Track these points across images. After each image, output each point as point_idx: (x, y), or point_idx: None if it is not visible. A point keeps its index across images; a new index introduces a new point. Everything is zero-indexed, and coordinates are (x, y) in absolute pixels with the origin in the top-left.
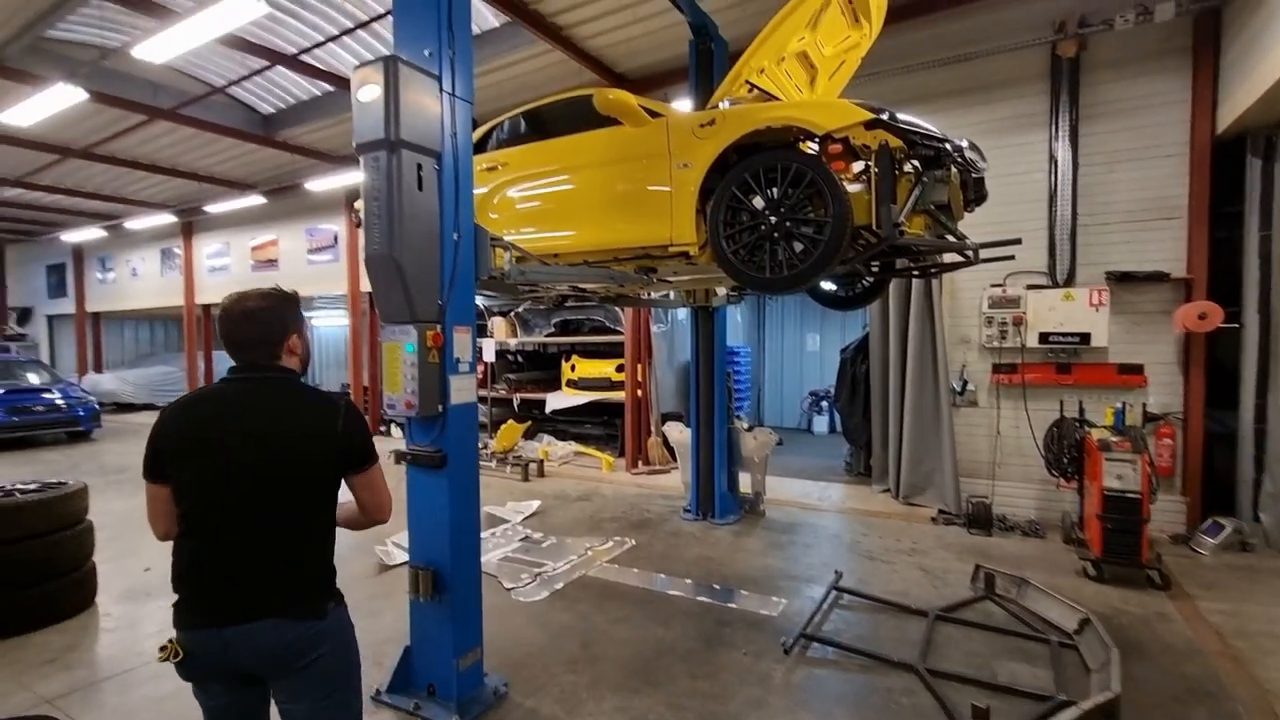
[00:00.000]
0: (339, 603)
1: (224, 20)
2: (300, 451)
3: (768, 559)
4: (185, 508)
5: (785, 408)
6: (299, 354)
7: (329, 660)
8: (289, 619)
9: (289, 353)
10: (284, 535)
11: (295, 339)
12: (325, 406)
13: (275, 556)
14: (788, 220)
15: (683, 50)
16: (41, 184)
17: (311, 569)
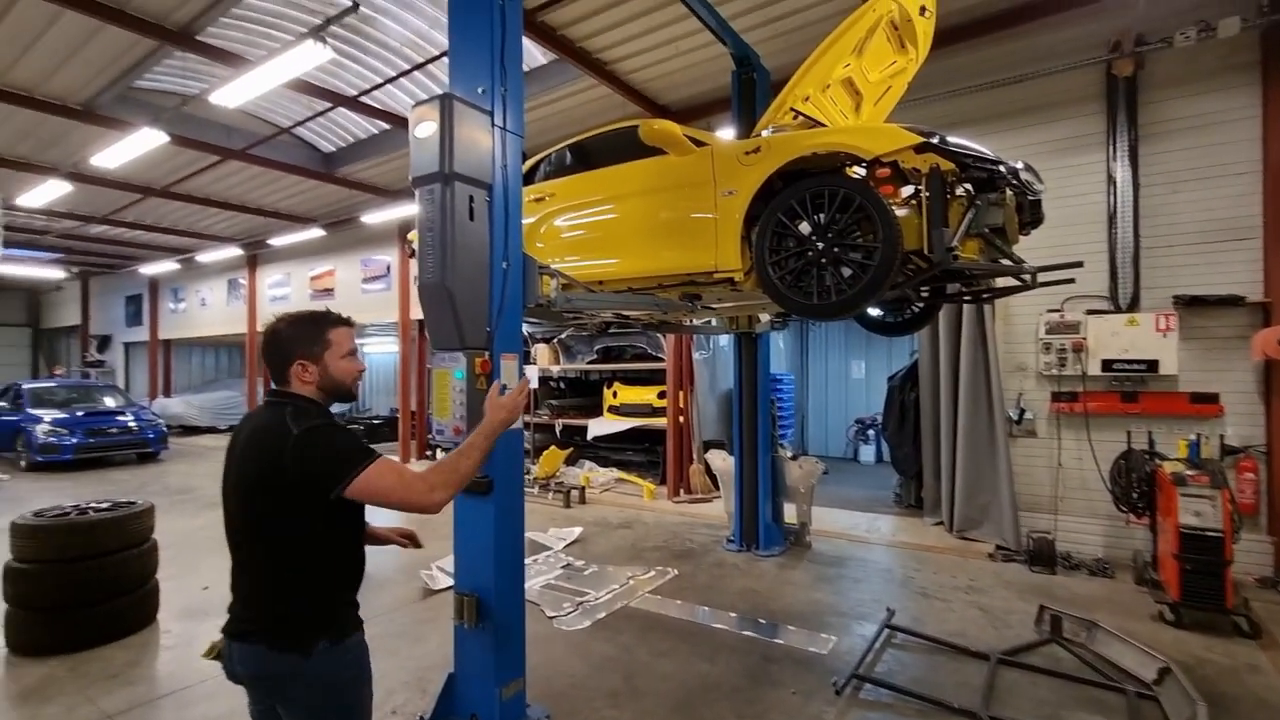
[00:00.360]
0: (335, 640)
1: (293, 66)
2: (260, 487)
3: (815, 593)
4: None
5: (830, 436)
6: (312, 382)
7: (313, 698)
8: (272, 649)
9: (300, 380)
10: (269, 564)
11: (300, 366)
12: (280, 434)
13: (261, 583)
14: (835, 245)
15: (725, 81)
16: (124, 221)
17: (296, 604)
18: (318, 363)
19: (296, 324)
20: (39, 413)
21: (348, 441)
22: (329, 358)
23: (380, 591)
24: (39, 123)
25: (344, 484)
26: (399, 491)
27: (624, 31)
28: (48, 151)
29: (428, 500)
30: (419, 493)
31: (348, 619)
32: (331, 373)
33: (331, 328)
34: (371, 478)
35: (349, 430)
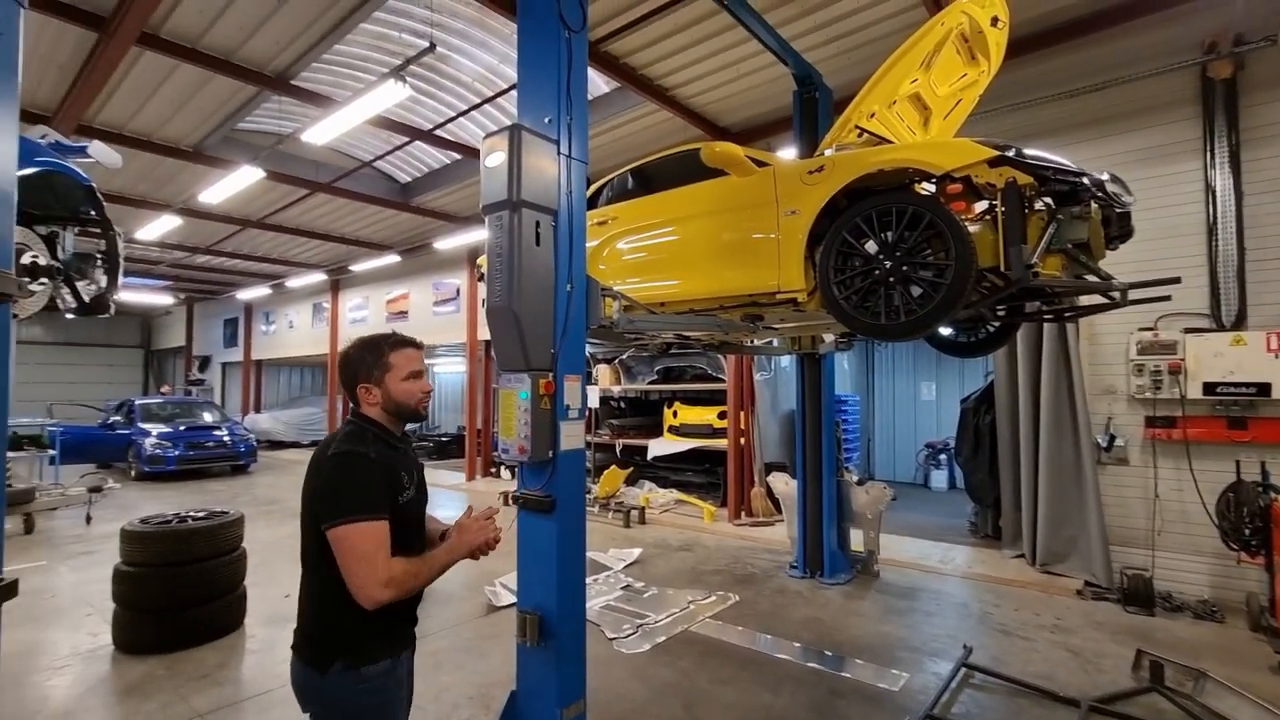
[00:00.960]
0: (351, 665)
1: (375, 104)
2: (306, 502)
3: (884, 625)
4: None
5: (898, 461)
6: (377, 404)
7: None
8: (300, 660)
9: (364, 402)
10: (307, 578)
11: (364, 390)
12: (324, 450)
13: (304, 596)
14: (904, 264)
15: (786, 101)
16: (225, 250)
17: (319, 621)
18: (380, 385)
19: (362, 348)
20: (148, 427)
21: (359, 485)
22: (390, 380)
23: (445, 606)
24: (156, 164)
25: (328, 525)
26: (358, 565)
27: (685, 57)
28: (162, 189)
29: (374, 592)
30: (372, 580)
31: (371, 646)
32: (394, 395)
33: (392, 350)
34: (350, 535)
35: (369, 467)
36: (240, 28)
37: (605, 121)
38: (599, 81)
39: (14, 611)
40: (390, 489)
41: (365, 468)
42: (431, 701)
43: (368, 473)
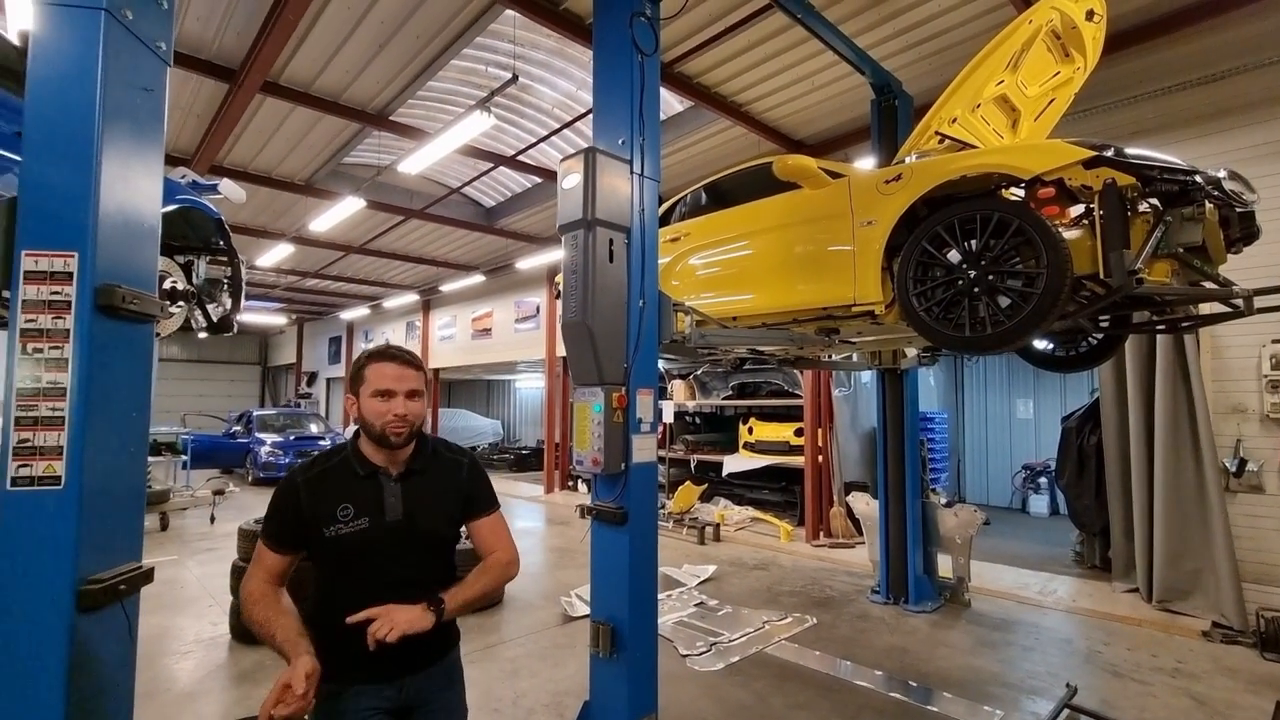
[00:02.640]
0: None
1: (463, 134)
2: None
3: (976, 659)
4: None
5: (992, 483)
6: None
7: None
8: None
9: (351, 417)
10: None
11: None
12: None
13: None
14: (990, 273)
15: (863, 111)
16: (330, 274)
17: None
18: (358, 398)
19: (359, 357)
20: (263, 436)
21: (272, 506)
22: (362, 393)
23: (523, 614)
24: (274, 198)
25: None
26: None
27: (758, 73)
28: (279, 220)
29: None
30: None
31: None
32: (362, 411)
33: (370, 362)
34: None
35: (288, 495)
36: (346, 71)
37: (679, 140)
38: (672, 101)
39: (150, 600)
40: (309, 520)
41: (284, 493)
42: (509, 706)
43: (281, 497)
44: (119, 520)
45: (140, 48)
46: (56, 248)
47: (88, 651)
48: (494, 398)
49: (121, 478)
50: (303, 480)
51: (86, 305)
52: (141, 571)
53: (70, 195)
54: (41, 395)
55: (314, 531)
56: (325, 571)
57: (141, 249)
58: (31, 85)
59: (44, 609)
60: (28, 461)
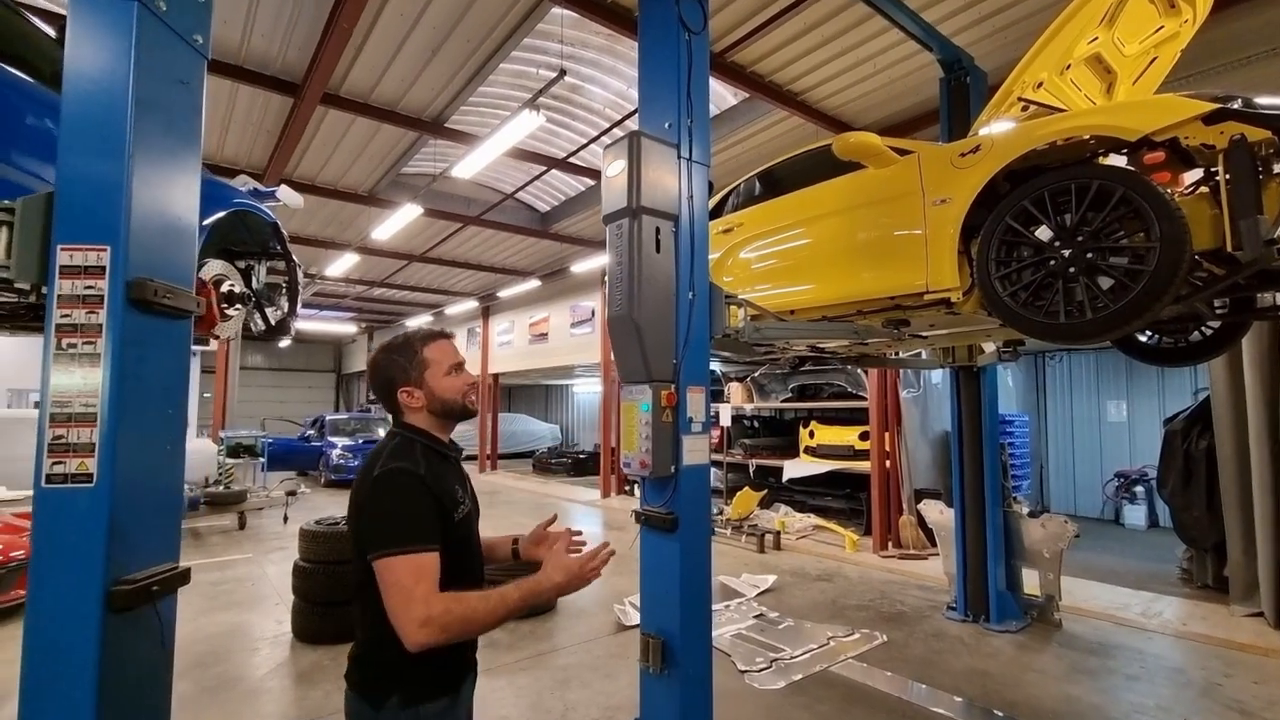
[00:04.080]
0: (406, 704)
1: (513, 134)
2: (352, 510)
3: (1071, 687)
4: None
5: (1080, 492)
6: (422, 407)
7: None
8: (353, 690)
9: (407, 408)
10: (357, 604)
11: (405, 394)
12: (370, 468)
13: (356, 623)
14: (1089, 251)
15: (930, 94)
16: (395, 283)
17: (373, 651)
18: (421, 386)
19: (391, 350)
20: (335, 440)
21: (406, 511)
22: (430, 378)
23: (576, 621)
24: (340, 209)
25: (373, 554)
26: (399, 597)
27: (815, 58)
28: (345, 231)
29: (410, 632)
30: (411, 617)
31: (426, 682)
32: (438, 393)
33: (424, 345)
34: (397, 565)
35: (419, 489)
36: (402, 79)
37: (734, 134)
38: (725, 94)
39: (223, 596)
40: (443, 508)
41: (413, 489)
42: (559, 718)
43: (416, 495)
44: (154, 520)
45: (175, 40)
46: (90, 241)
47: (120, 653)
48: (552, 402)
49: (157, 476)
50: (423, 471)
51: (119, 299)
52: (177, 573)
53: (102, 188)
54: (75, 391)
55: (447, 519)
56: (447, 567)
57: (177, 243)
58: (67, 78)
59: (75, 608)
60: (62, 459)
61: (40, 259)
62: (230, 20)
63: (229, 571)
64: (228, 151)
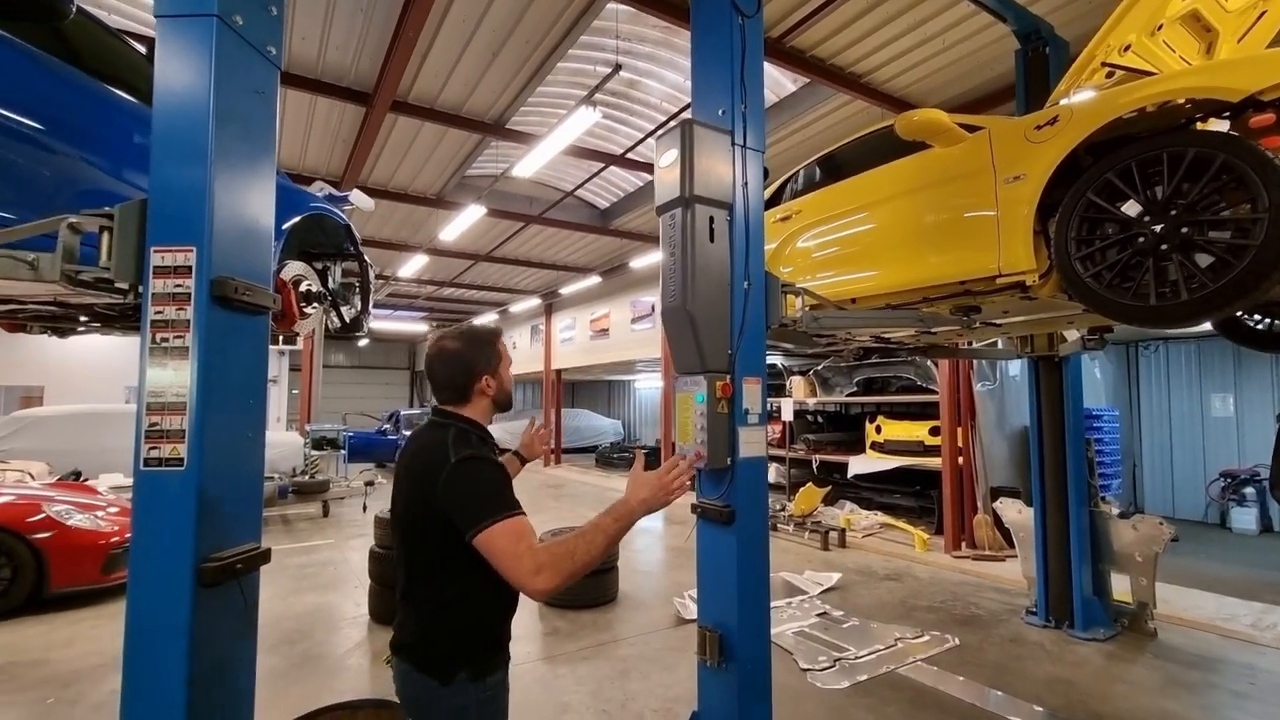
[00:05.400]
0: (475, 677)
1: (571, 131)
2: (418, 509)
3: (1167, 701)
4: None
5: (1178, 493)
6: (492, 395)
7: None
8: (417, 669)
9: (479, 395)
10: (422, 587)
11: (487, 381)
12: (440, 459)
13: (415, 603)
14: (1184, 225)
15: (1004, 69)
16: (463, 283)
17: (441, 630)
18: (496, 376)
19: (473, 342)
20: (409, 434)
21: (495, 488)
22: (502, 369)
23: (635, 613)
24: (411, 213)
25: (474, 531)
26: (508, 559)
27: (879, 37)
28: (416, 234)
29: (529, 582)
30: (524, 571)
31: (492, 655)
32: (505, 385)
33: (498, 340)
34: (497, 534)
35: (496, 468)
36: (465, 83)
37: (794, 121)
38: (784, 81)
39: (309, 578)
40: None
41: (495, 468)
42: (618, 709)
43: (495, 471)
44: (238, 502)
45: (251, 52)
46: (178, 243)
47: (209, 625)
48: (614, 398)
49: (240, 462)
50: (491, 455)
51: (203, 296)
52: (259, 552)
53: (188, 193)
54: (168, 381)
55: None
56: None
57: (254, 244)
58: (156, 93)
59: (169, 582)
60: (157, 444)
61: (136, 260)
62: (308, 37)
63: (314, 556)
64: (309, 161)
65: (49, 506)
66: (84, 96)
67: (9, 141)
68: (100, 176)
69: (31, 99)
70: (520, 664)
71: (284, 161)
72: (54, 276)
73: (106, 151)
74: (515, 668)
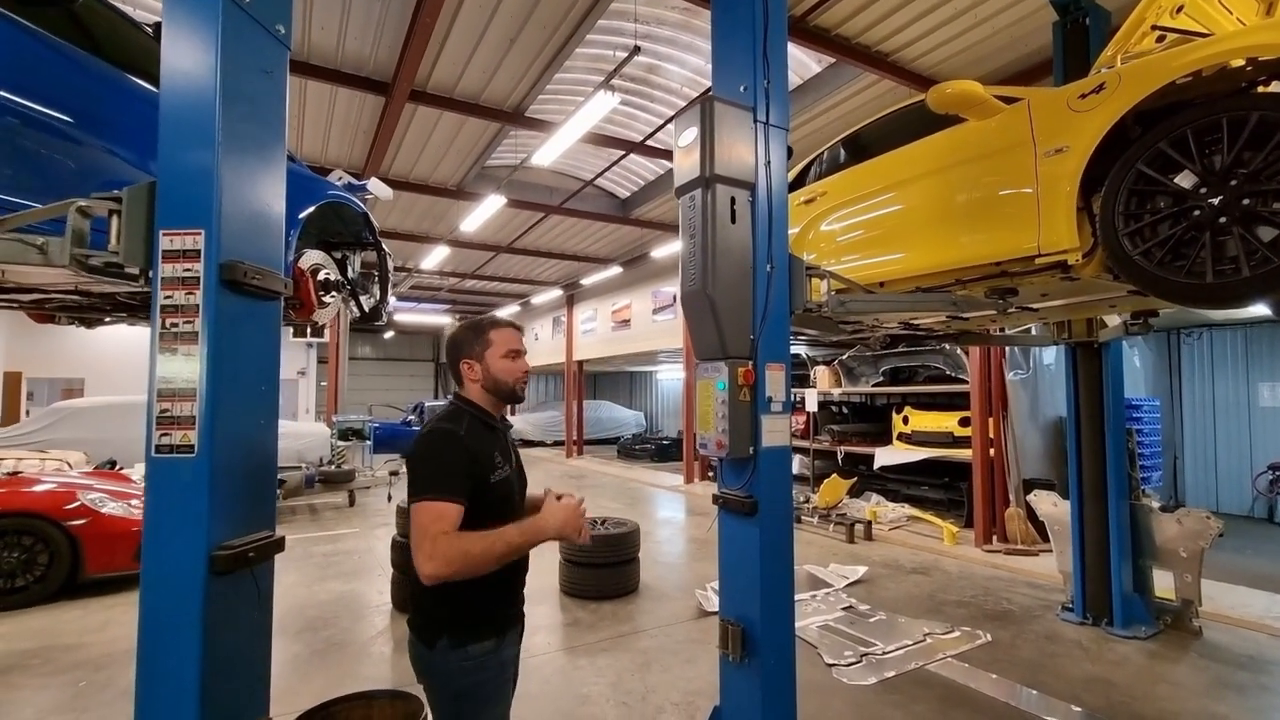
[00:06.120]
0: (455, 644)
1: (589, 117)
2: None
3: (1214, 703)
4: None
5: (1222, 486)
6: (478, 380)
7: (433, 695)
8: (412, 634)
9: (468, 379)
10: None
11: (467, 365)
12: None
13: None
14: (1245, 196)
15: (1040, 43)
16: (485, 275)
17: (425, 597)
18: (480, 361)
19: (466, 328)
20: None
21: (440, 464)
22: (489, 356)
23: (658, 604)
24: (432, 204)
25: (410, 500)
26: (416, 536)
27: (907, 13)
28: (437, 225)
29: (420, 564)
30: (421, 552)
31: (476, 624)
32: (492, 371)
33: (492, 328)
34: (421, 510)
35: (455, 448)
36: (483, 71)
37: (819, 103)
38: (809, 62)
39: (334, 566)
40: (478, 469)
41: (451, 447)
42: (638, 701)
43: (452, 452)
44: (250, 491)
45: (259, 31)
46: (187, 226)
47: (222, 614)
48: (636, 389)
49: (252, 450)
50: (464, 432)
51: (213, 280)
52: (272, 541)
53: (196, 175)
54: (177, 368)
55: (481, 480)
56: (483, 523)
57: (265, 227)
58: (163, 73)
59: (181, 569)
60: (168, 430)
61: (145, 245)
62: (327, 26)
63: (340, 544)
64: (330, 154)
65: (84, 495)
66: (105, 85)
67: (33, 130)
68: (121, 165)
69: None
70: (540, 654)
71: (306, 155)
72: (63, 261)
73: (129, 140)
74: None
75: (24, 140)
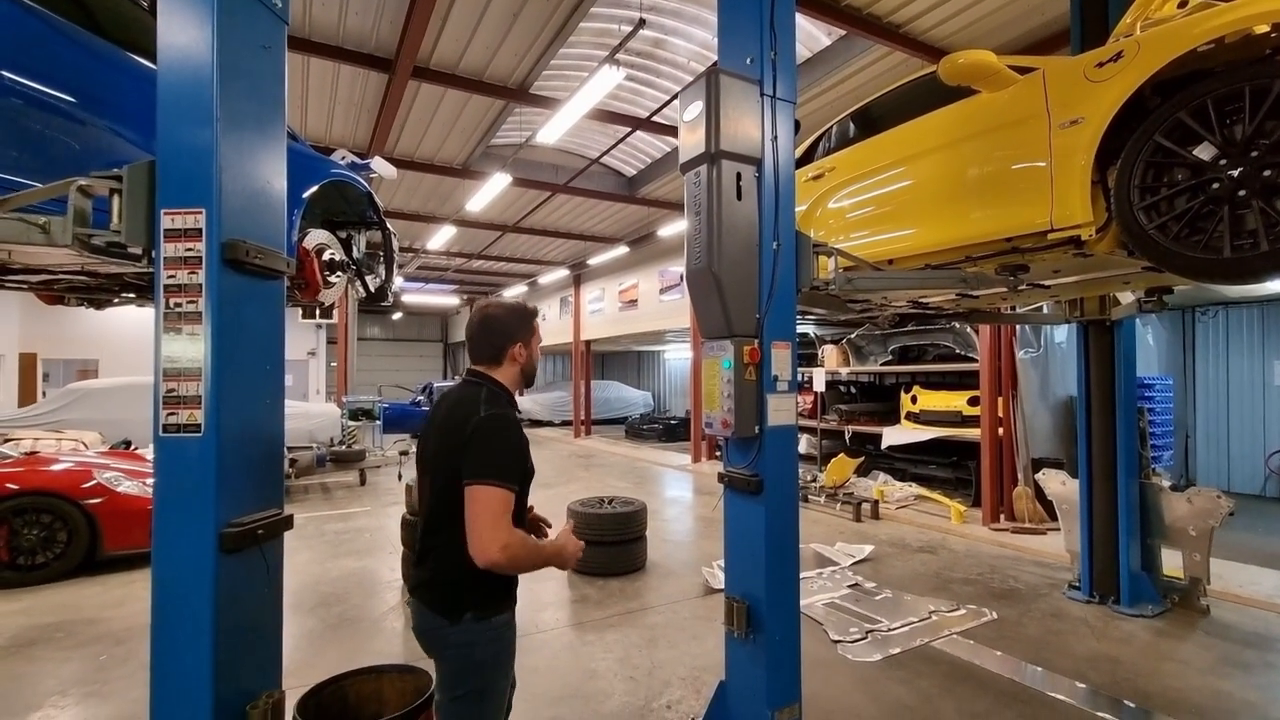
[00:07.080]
0: (480, 616)
1: (594, 92)
2: (446, 455)
3: (1220, 681)
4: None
5: (1234, 466)
6: (520, 362)
7: (455, 665)
8: (428, 608)
9: (510, 360)
10: (441, 530)
11: (519, 348)
12: (471, 412)
13: (428, 545)
14: (1267, 167)
15: (1057, 13)
16: (492, 255)
17: (452, 570)
18: (528, 347)
19: (514, 312)
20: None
21: (511, 450)
22: (533, 343)
23: (665, 582)
24: (438, 184)
25: (472, 480)
26: (487, 518)
27: None
28: (443, 205)
29: (491, 549)
30: (495, 538)
31: (499, 597)
32: (534, 359)
33: (535, 317)
34: (491, 494)
35: (522, 437)
36: (486, 46)
37: (829, 77)
38: (818, 34)
39: (347, 544)
40: (527, 459)
41: (520, 435)
42: (645, 676)
43: (521, 441)
44: (258, 469)
45: (255, 4)
46: (188, 205)
47: (232, 591)
48: (644, 369)
49: (259, 428)
50: (518, 419)
51: (215, 259)
52: (281, 518)
53: (195, 152)
54: (182, 348)
55: (529, 470)
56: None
57: (266, 206)
58: (160, 50)
59: (191, 547)
60: (175, 410)
61: (147, 224)
62: (327, 1)
63: (351, 523)
64: (334, 133)
65: (100, 474)
66: (106, 63)
67: (34, 110)
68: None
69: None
70: (548, 630)
71: (311, 134)
72: (65, 240)
73: (131, 119)
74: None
75: (26, 120)
